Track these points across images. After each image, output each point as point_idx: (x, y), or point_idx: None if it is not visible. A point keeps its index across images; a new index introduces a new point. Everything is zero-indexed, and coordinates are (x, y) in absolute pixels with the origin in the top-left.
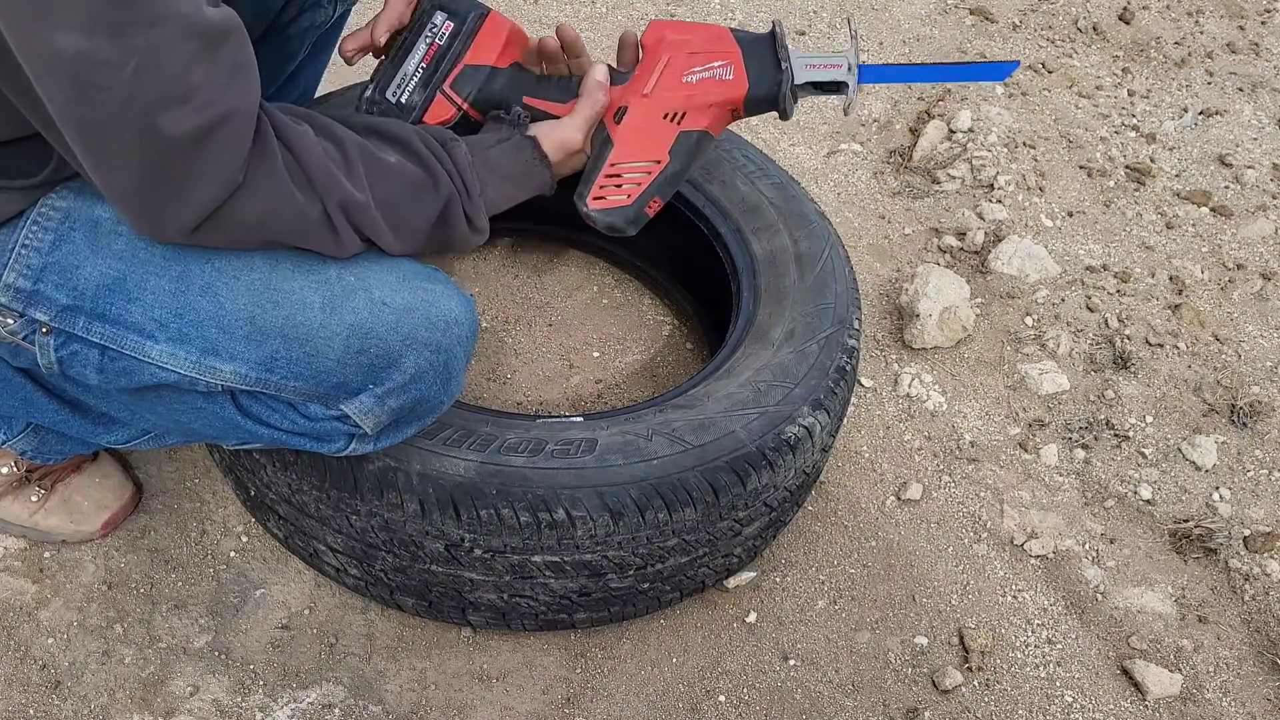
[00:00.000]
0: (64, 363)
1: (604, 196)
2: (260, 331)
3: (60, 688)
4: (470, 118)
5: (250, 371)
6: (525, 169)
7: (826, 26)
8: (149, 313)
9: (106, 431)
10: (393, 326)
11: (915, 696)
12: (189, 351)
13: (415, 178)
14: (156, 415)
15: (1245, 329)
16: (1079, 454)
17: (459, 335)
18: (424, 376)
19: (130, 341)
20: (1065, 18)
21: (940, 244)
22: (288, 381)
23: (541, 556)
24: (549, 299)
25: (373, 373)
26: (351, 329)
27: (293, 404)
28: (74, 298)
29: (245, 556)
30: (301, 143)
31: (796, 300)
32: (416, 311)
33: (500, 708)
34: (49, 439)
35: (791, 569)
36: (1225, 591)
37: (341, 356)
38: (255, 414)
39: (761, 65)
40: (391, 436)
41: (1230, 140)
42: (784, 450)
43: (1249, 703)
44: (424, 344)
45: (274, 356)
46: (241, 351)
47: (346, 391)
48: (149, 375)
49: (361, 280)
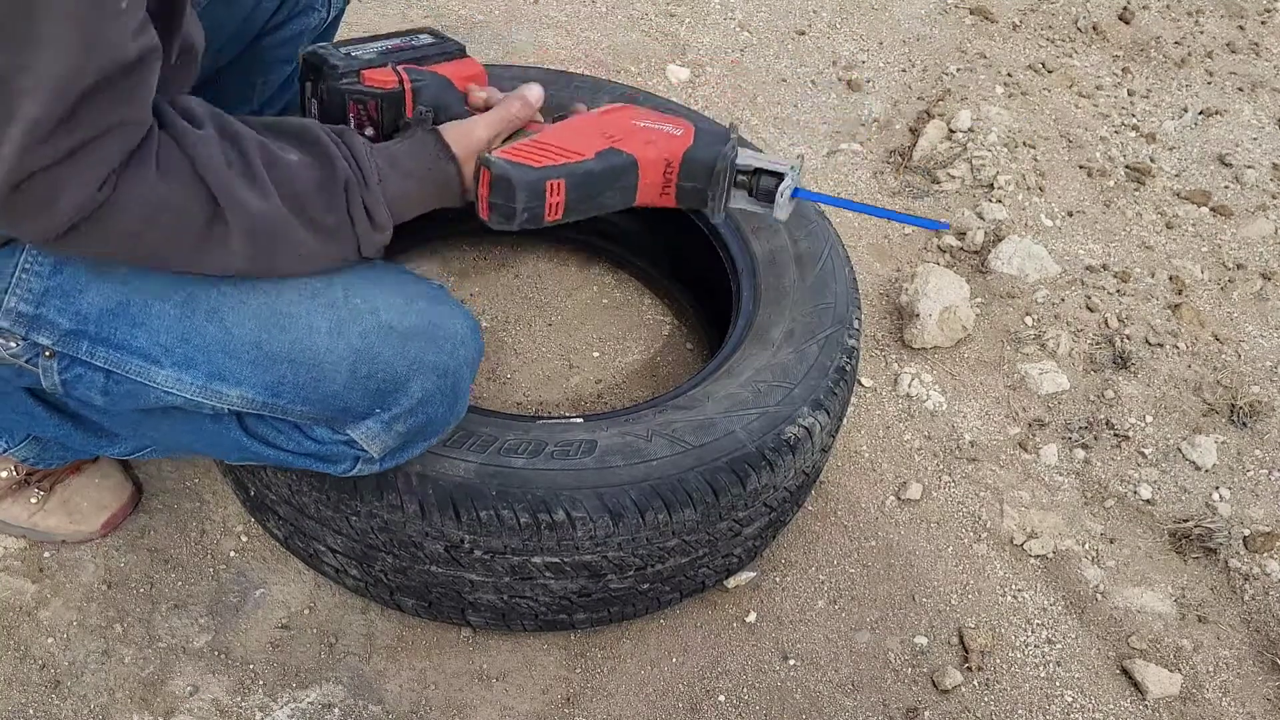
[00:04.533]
0: (68, 385)
1: (514, 154)
2: (267, 356)
3: (60, 687)
4: (404, 98)
5: (257, 396)
6: (429, 165)
7: (826, 26)
8: (154, 338)
9: (109, 445)
10: (399, 351)
11: (915, 696)
12: (195, 376)
13: (317, 175)
14: (161, 434)
15: (1245, 329)
16: (1079, 454)
17: (465, 356)
18: (431, 400)
19: (135, 366)
20: (1065, 18)
21: (940, 244)
22: (294, 405)
23: (541, 557)
24: (549, 299)
25: (379, 397)
26: (359, 354)
27: (299, 426)
28: (77, 322)
29: (245, 556)
30: (201, 149)
31: (796, 300)
32: (423, 335)
33: (500, 708)
34: (51, 447)
35: (791, 569)
36: (1225, 591)
37: (348, 381)
38: (261, 435)
39: (711, 139)
40: (397, 457)
41: (1230, 140)
42: (784, 450)
43: (1249, 703)
44: (431, 368)
45: (280, 381)
46: (248, 376)
47: (353, 416)
48: (154, 399)
49: (368, 303)
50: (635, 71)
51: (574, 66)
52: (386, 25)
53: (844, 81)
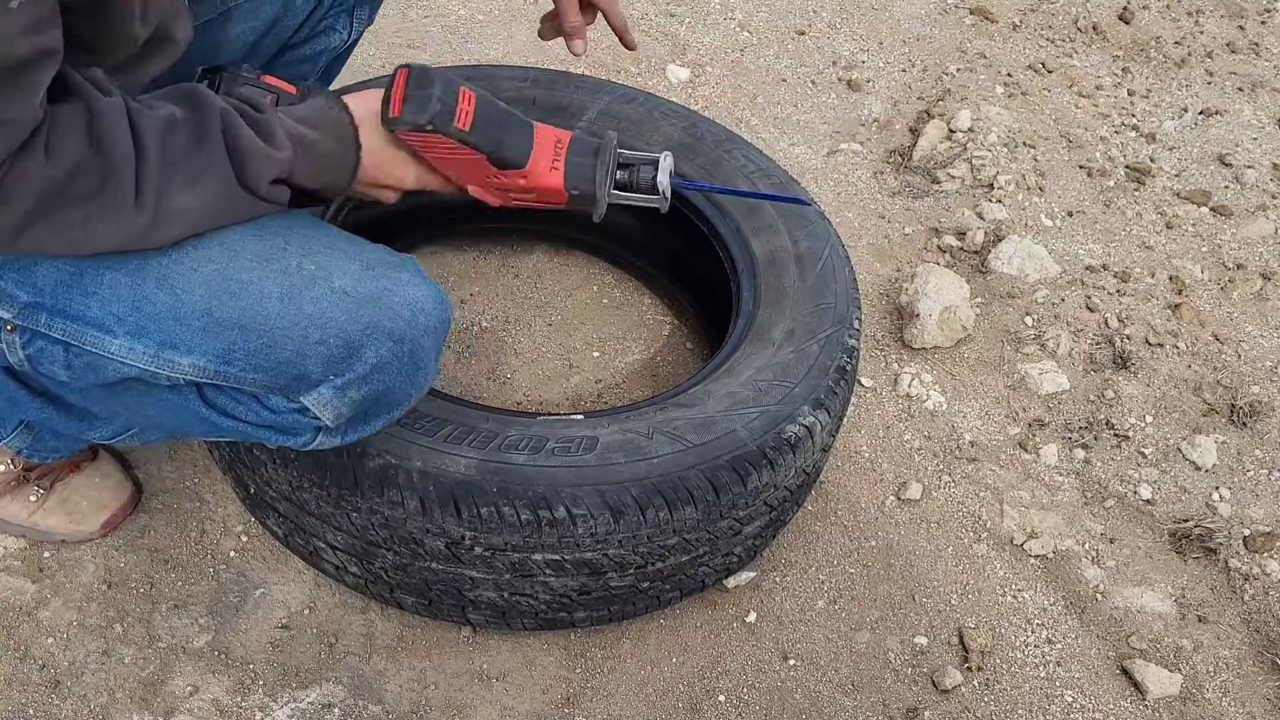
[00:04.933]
0: (33, 360)
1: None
2: (217, 323)
3: (60, 687)
4: None
5: (209, 364)
6: (320, 113)
7: (826, 26)
8: (106, 307)
9: (90, 427)
10: (353, 315)
11: (915, 696)
12: (147, 345)
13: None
14: (128, 410)
15: (1245, 329)
16: (1079, 454)
17: (426, 325)
18: (387, 367)
19: (90, 337)
20: (1065, 17)
21: (940, 244)
22: (247, 374)
23: (542, 554)
24: (549, 299)
25: (332, 363)
26: (310, 319)
27: (256, 396)
28: (34, 294)
29: (245, 556)
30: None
31: (796, 300)
32: (379, 301)
33: (500, 707)
34: (43, 436)
35: (791, 569)
36: (1225, 591)
37: (300, 347)
38: (220, 407)
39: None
40: (360, 429)
41: (1230, 140)
42: (784, 449)
43: (1249, 702)
44: (386, 334)
45: (231, 348)
46: (199, 344)
47: (306, 384)
48: (113, 370)
49: (322, 269)
50: (635, 71)
51: (574, 67)
52: (385, 26)
53: (844, 81)
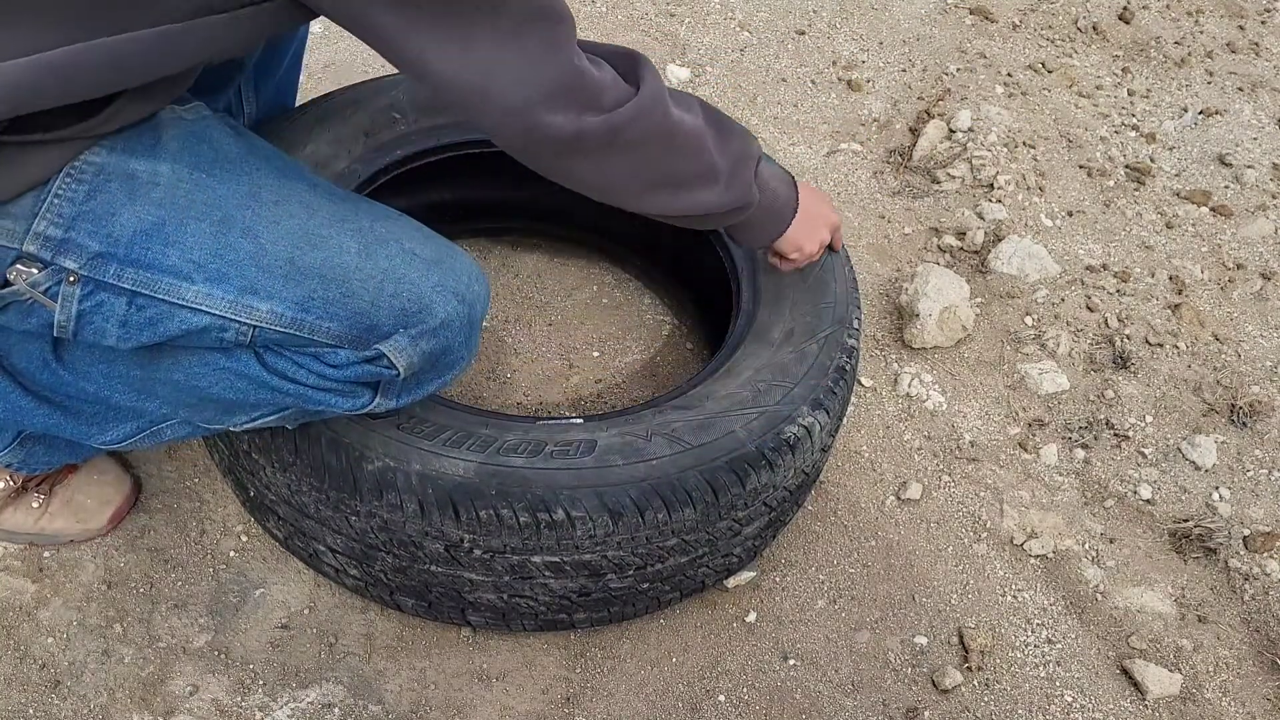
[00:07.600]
0: (83, 317)
1: None
2: (299, 271)
3: (60, 687)
4: None
5: (286, 310)
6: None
7: (826, 26)
8: (187, 254)
9: (100, 430)
10: (424, 274)
11: (915, 696)
12: (226, 290)
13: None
14: (169, 386)
15: (1245, 329)
16: (1079, 454)
17: (479, 292)
18: (451, 324)
19: (164, 284)
20: (1065, 17)
21: (940, 244)
22: (322, 322)
23: (541, 557)
24: (549, 299)
25: (405, 316)
26: (385, 273)
27: (318, 355)
28: (107, 244)
29: (245, 556)
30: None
31: (796, 300)
32: (443, 263)
33: (500, 707)
34: (36, 450)
35: (791, 569)
36: (1225, 591)
37: (375, 299)
38: (279, 369)
39: None
40: (413, 391)
41: (1230, 140)
42: (783, 450)
43: (1249, 702)
44: (452, 292)
45: (311, 296)
46: (279, 290)
47: (378, 334)
48: (178, 323)
49: (392, 233)
50: None
51: None
52: None
53: (844, 81)
